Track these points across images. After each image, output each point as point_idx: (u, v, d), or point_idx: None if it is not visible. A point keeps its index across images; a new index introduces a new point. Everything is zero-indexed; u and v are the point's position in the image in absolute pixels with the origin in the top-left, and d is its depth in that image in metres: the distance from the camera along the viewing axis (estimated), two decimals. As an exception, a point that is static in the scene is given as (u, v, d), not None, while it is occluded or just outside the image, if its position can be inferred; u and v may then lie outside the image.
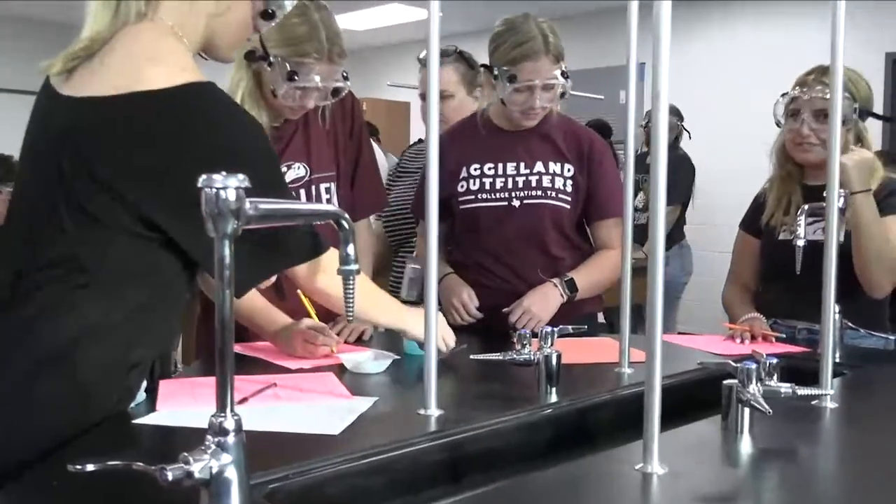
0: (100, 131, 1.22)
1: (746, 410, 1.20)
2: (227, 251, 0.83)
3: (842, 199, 1.70)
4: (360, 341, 1.97)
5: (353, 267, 1.01)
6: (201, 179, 0.82)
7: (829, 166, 1.40)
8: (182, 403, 1.32)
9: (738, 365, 1.20)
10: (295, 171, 1.98)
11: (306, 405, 1.36)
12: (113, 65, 1.24)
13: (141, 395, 1.35)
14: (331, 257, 1.36)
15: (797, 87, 2.08)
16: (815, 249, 1.43)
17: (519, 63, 2.01)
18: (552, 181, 2.14)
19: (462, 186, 2.18)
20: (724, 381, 1.23)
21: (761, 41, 6.19)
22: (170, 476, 0.81)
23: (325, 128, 2.03)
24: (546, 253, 2.15)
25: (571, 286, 2.09)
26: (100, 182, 1.21)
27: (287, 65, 1.78)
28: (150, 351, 1.33)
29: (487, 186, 2.16)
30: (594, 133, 2.28)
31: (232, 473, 0.84)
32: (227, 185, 0.82)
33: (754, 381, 1.19)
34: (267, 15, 1.43)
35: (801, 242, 1.80)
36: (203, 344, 2.05)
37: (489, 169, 2.17)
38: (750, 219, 2.30)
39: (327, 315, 1.83)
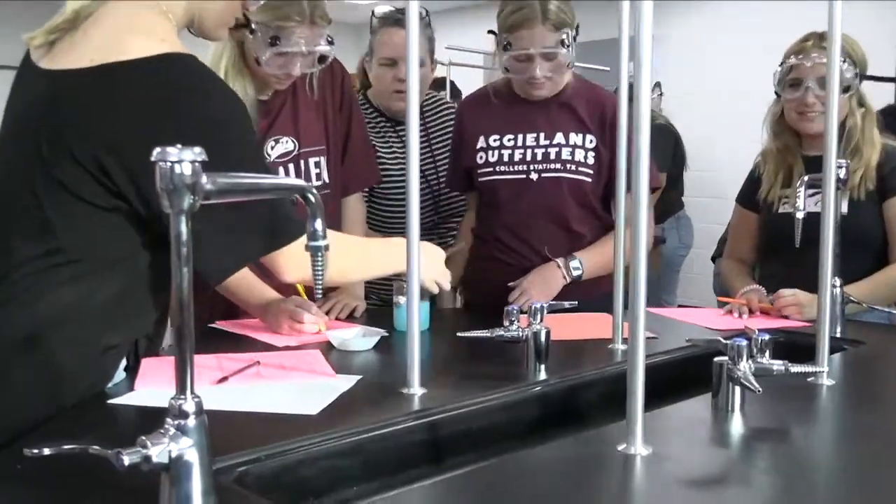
0: (77, 103, 1.19)
1: (737, 388, 1.17)
2: (183, 227, 0.79)
3: (842, 170, 1.65)
4: (351, 318, 1.93)
5: (322, 243, 0.97)
6: (155, 153, 0.78)
7: (826, 135, 1.35)
8: (160, 382, 1.29)
9: (729, 342, 1.16)
10: (283, 146, 1.94)
11: (287, 384, 1.33)
12: (95, 37, 1.22)
13: (120, 375, 1.33)
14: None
15: (794, 56, 2.02)
16: (816, 222, 1.38)
17: (515, 31, 1.94)
18: (572, 153, 2.06)
19: (480, 158, 2.11)
20: (715, 359, 1.19)
21: (759, 9, 6.05)
22: (126, 461, 0.78)
23: (314, 99, 1.99)
24: (567, 228, 2.07)
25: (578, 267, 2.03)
26: (78, 156, 1.18)
27: (269, 29, 1.74)
28: (125, 335, 1.31)
29: (506, 158, 2.09)
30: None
31: (193, 457, 0.81)
32: (182, 159, 0.78)
33: (745, 359, 1.15)
34: None
35: (800, 214, 1.74)
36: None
37: (508, 140, 2.09)
38: (746, 193, 2.25)
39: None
